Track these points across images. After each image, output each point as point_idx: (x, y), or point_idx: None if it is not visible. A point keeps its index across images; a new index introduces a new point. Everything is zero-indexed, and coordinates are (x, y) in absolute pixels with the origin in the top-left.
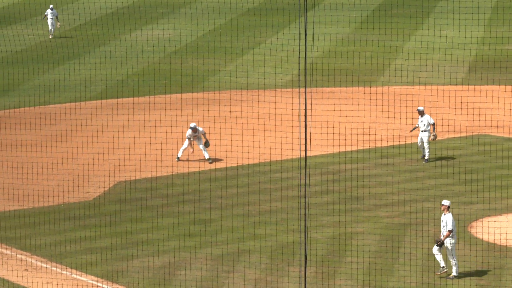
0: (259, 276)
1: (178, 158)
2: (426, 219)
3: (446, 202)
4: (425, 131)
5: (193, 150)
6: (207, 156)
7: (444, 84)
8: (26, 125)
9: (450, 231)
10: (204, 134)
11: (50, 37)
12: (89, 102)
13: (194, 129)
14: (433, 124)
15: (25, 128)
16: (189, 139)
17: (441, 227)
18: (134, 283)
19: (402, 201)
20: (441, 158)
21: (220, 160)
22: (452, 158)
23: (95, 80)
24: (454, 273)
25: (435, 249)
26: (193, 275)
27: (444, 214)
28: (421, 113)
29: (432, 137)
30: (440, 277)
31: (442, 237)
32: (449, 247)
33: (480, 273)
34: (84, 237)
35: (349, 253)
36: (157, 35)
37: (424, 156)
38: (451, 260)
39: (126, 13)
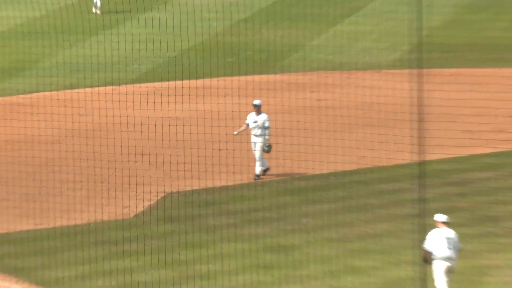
0: None
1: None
2: None
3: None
4: None
5: (240, 131)
6: (258, 171)
7: None
8: (45, 116)
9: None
10: (267, 128)
11: (98, 12)
12: (131, 85)
13: (257, 109)
14: None
15: (45, 120)
16: (247, 125)
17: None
18: None
19: None
20: None
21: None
22: None
23: (139, 56)
24: None
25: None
26: None
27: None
28: None
29: None
30: None
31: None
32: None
33: None
34: (122, 268)
35: None
36: None
37: None
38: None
39: None
